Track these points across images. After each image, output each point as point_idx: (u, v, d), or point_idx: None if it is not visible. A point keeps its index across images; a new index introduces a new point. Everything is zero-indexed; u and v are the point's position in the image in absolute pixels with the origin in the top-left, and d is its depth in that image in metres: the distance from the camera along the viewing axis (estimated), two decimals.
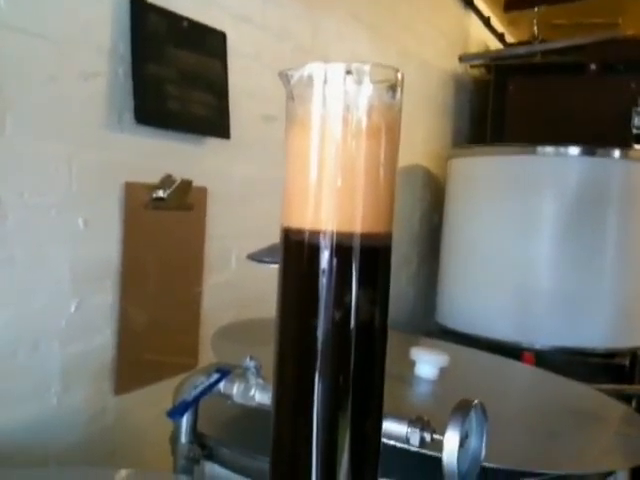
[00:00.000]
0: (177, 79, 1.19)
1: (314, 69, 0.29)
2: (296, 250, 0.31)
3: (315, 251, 0.30)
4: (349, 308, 0.30)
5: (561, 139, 1.94)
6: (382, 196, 0.31)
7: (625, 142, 2.12)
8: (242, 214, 1.41)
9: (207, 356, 1.19)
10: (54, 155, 1.02)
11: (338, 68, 0.29)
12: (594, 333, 1.87)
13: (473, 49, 2.78)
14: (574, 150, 1.86)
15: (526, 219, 1.92)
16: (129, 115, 1.12)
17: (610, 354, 1.88)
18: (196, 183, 1.25)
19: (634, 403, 1.64)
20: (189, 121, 1.23)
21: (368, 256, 0.31)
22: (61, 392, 1.06)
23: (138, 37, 1.12)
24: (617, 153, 1.88)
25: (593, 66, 2.40)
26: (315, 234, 0.30)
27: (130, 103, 1.12)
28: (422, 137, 2.42)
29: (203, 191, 1.28)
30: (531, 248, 1.91)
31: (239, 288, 1.41)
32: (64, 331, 1.05)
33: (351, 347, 0.31)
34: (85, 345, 1.09)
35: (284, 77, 0.30)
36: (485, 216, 2.01)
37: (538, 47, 2.59)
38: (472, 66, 2.77)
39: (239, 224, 1.41)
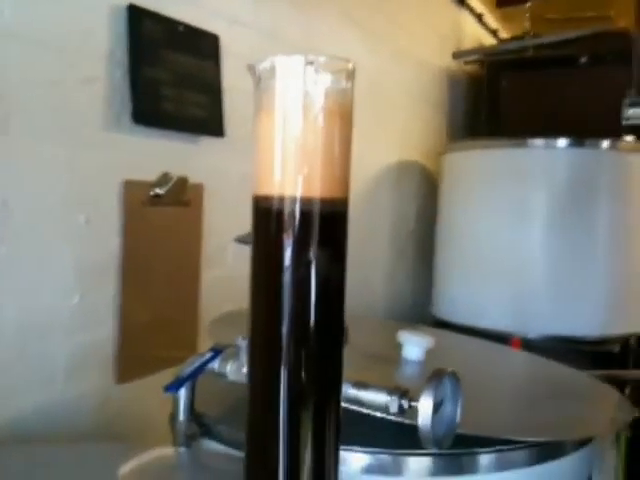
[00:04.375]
0: (172, 81, 1.24)
1: (277, 61, 0.34)
2: (265, 215, 0.37)
3: (280, 214, 0.36)
4: (309, 264, 0.35)
5: (555, 132, 1.98)
6: (338, 166, 0.36)
7: (617, 133, 2.15)
8: (238, 209, 1.45)
9: (206, 348, 1.24)
10: (56, 156, 1.07)
11: (298, 59, 0.34)
12: (586, 321, 1.91)
13: (467, 45, 2.83)
14: (563, 142, 1.90)
15: (518, 210, 1.96)
16: (127, 116, 1.17)
17: (602, 341, 1.92)
18: (192, 180, 1.29)
19: (628, 390, 1.68)
20: (184, 121, 1.28)
21: (327, 218, 0.36)
22: (65, 382, 1.11)
23: (135, 42, 1.17)
24: (605, 144, 1.92)
25: (584, 59, 2.44)
26: (280, 200, 0.36)
27: (128, 105, 1.17)
28: (417, 133, 2.46)
29: (199, 188, 1.33)
30: (523, 239, 1.95)
31: (236, 282, 1.45)
32: (68, 323, 1.10)
33: (311, 298, 0.36)
34: (88, 337, 1.14)
35: (252, 68, 0.35)
36: (478, 209, 2.05)
37: (530, 42, 2.63)
38: (466, 62, 2.81)
39: (235, 219, 1.45)
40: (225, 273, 1.44)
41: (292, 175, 0.36)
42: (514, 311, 1.91)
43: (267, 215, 0.36)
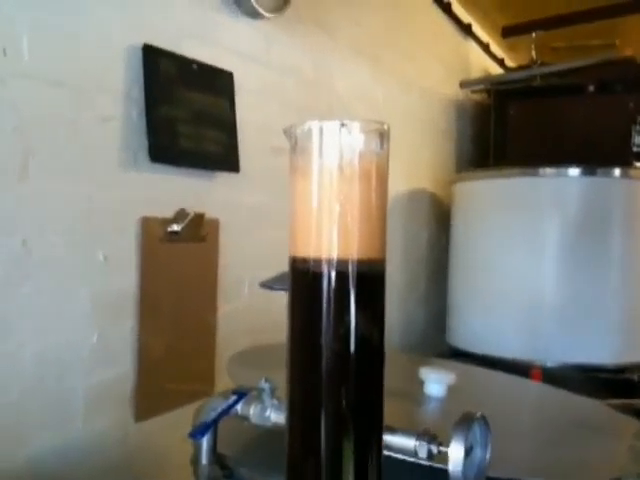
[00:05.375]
0: (188, 118, 1.25)
1: (313, 125, 0.35)
2: (302, 276, 0.36)
3: (318, 276, 0.35)
4: (349, 326, 0.35)
5: (562, 159, 1.98)
6: (375, 228, 0.36)
7: (625, 160, 2.16)
8: (253, 243, 1.47)
9: (223, 382, 1.23)
10: (74, 194, 1.08)
11: (333, 123, 0.34)
12: (603, 349, 1.89)
13: (474, 75, 2.85)
14: (574, 171, 1.91)
15: (531, 239, 1.96)
16: (144, 154, 1.18)
17: (619, 369, 1.90)
18: (208, 215, 1.30)
19: None
20: (200, 157, 1.29)
21: (364, 279, 0.36)
22: (85, 420, 1.10)
23: (150, 81, 1.19)
24: (617, 172, 1.92)
25: (592, 87, 2.46)
26: (317, 262, 0.36)
27: (144, 143, 1.18)
28: (426, 162, 2.47)
29: (215, 223, 1.34)
30: (537, 267, 1.94)
31: (253, 315, 1.46)
32: (87, 361, 1.10)
33: (352, 360, 0.36)
34: (107, 374, 1.14)
35: (287, 133, 0.36)
36: (491, 237, 2.05)
37: (537, 71, 2.65)
38: (473, 91, 2.83)
39: (251, 253, 1.46)
40: (241, 306, 1.44)
41: (328, 237, 0.36)
42: (531, 340, 1.90)
43: (304, 277, 0.36)
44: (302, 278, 0.36)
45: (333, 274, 0.35)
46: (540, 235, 1.95)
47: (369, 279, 0.36)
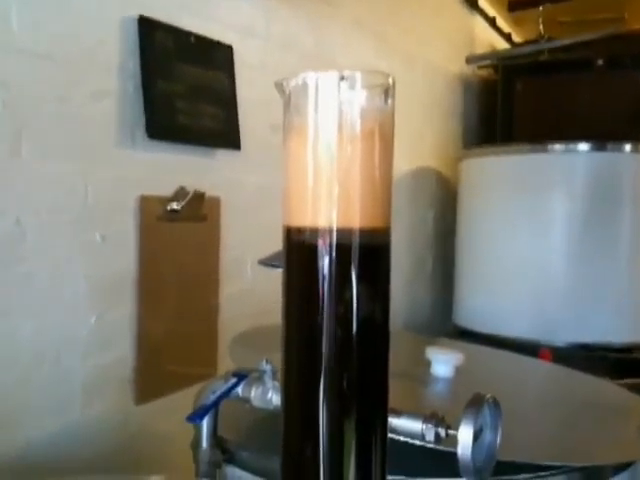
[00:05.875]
0: (186, 94, 1.22)
1: (308, 78, 0.31)
2: (297, 248, 0.33)
3: (315, 248, 0.32)
4: (350, 304, 0.32)
5: (570, 136, 1.94)
6: (379, 194, 0.32)
7: (635, 136, 2.11)
8: (255, 222, 1.43)
9: (226, 365, 1.21)
10: (69, 173, 1.05)
11: (331, 76, 0.31)
12: (611, 328, 1.86)
13: (480, 50, 2.79)
14: (584, 146, 1.86)
15: (539, 216, 1.92)
16: (141, 131, 1.15)
17: (628, 348, 1.87)
18: (209, 194, 1.27)
19: None
20: (200, 134, 1.25)
21: (367, 251, 0.32)
22: (84, 404, 1.08)
23: (147, 54, 1.15)
24: (628, 147, 1.88)
25: (600, 62, 2.40)
26: (314, 231, 0.32)
27: (141, 119, 1.14)
28: (432, 139, 2.43)
29: (216, 201, 1.31)
30: (545, 245, 1.91)
31: (256, 295, 1.43)
32: (85, 344, 1.08)
33: (353, 342, 0.32)
34: (105, 357, 1.12)
35: (280, 87, 0.32)
36: (498, 215, 2.01)
37: (544, 45, 2.59)
38: (479, 67, 2.78)
39: (253, 232, 1.43)
40: (244, 287, 1.42)
41: (327, 204, 0.32)
42: (538, 319, 1.87)
43: (300, 249, 0.32)
44: (298, 250, 0.33)
45: (333, 245, 0.31)
46: (548, 213, 1.91)
47: (373, 251, 0.33)
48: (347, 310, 0.31)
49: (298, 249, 0.33)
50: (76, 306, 1.07)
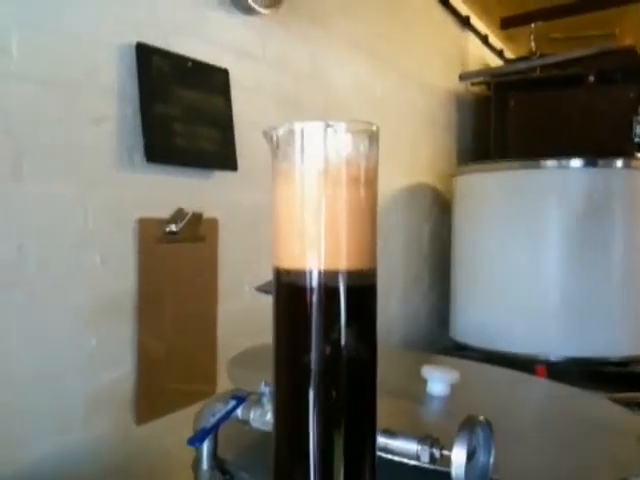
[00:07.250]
0: (184, 117, 1.24)
1: (294, 126, 0.33)
2: (286, 288, 0.34)
3: (303, 289, 0.33)
4: (338, 344, 0.33)
5: (563, 151, 1.96)
6: (364, 236, 0.34)
7: (627, 151, 2.14)
8: (253, 241, 1.45)
9: (225, 382, 1.22)
10: (69, 196, 1.06)
11: (317, 125, 0.32)
12: (607, 342, 1.88)
13: (473, 67, 2.83)
14: (576, 162, 1.89)
15: (533, 232, 1.94)
16: (139, 154, 1.17)
17: (624, 362, 1.88)
18: (207, 215, 1.29)
19: None
20: (197, 156, 1.27)
21: (354, 292, 0.33)
22: (85, 424, 1.09)
23: (145, 79, 1.17)
24: (619, 163, 1.90)
25: (591, 77, 2.43)
26: (302, 273, 0.33)
27: (140, 142, 1.16)
28: (426, 156, 2.45)
29: (214, 222, 1.32)
30: (540, 260, 1.93)
31: (253, 314, 1.44)
32: (86, 365, 1.09)
33: (342, 382, 0.34)
34: (106, 377, 1.13)
35: (267, 135, 0.34)
36: (493, 231, 2.03)
37: (536, 62, 2.63)
38: (473, 84, 2.81)
39: (250, 251, 1.45)
40: (242, 306, 1.43)
41: (314, 247, 0.33)
42: (534, 334, 1.89)
43: (289, 290, 0.34)
44: (287, 291, 0.34)
45: (321, 287, 0.32)
46: (542, 228, 1.93)
47: (359, 292, 0.34)
48: (335, 350, 0.33)
49: (287, 290, 0.34)
50: (77, 327, 1.08)
